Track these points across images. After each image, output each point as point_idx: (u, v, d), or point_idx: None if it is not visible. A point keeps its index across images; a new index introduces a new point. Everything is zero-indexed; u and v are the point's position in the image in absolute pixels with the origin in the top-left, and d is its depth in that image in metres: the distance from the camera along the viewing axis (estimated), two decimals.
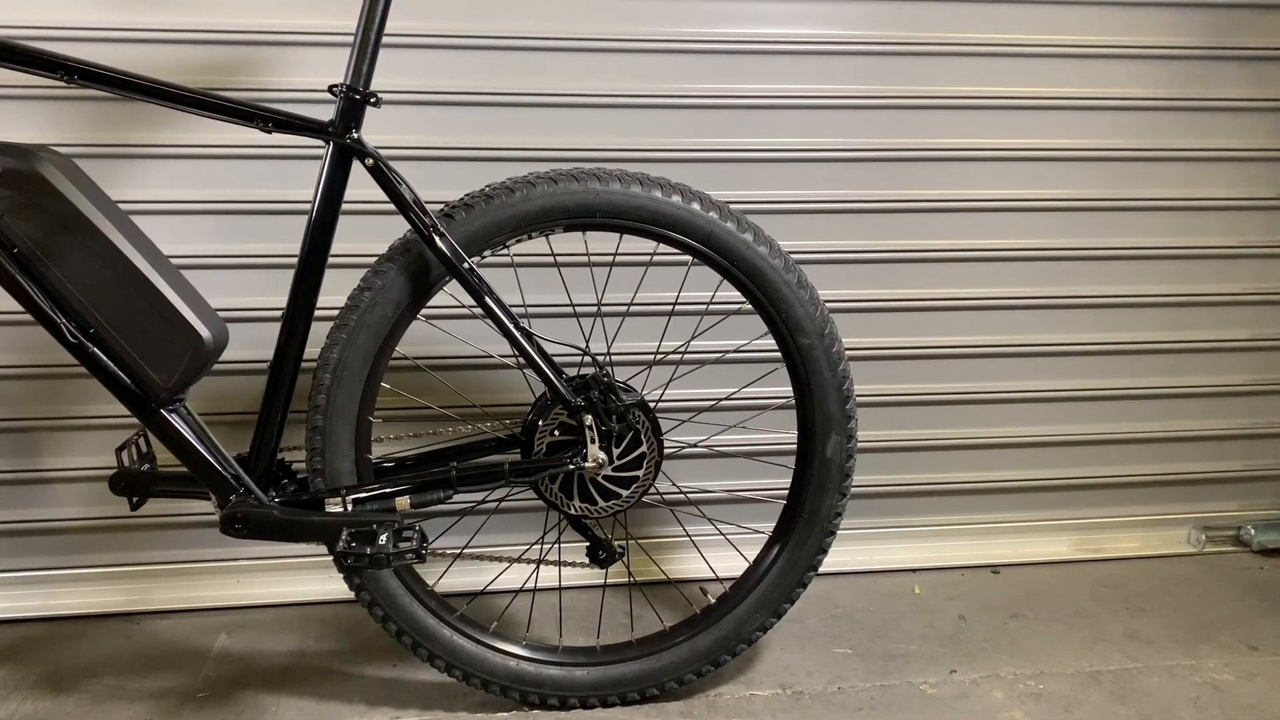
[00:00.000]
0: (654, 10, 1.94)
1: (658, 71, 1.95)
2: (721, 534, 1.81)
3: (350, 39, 1.79)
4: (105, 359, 1.48)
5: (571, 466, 1.57)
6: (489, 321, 1.55)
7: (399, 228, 1.57)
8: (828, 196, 2.05)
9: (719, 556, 1.90)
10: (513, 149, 1.93)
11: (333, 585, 2.07)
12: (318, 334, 1.55)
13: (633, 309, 1.88)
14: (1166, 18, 2.06)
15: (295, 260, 1.83)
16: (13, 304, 1.82)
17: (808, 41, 1.99)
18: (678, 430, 1.87)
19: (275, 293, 1.89)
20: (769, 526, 1.78)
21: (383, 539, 1.48)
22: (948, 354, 2.18)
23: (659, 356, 1.87)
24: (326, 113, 1.50)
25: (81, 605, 2.02)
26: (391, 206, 1.52)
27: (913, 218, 2.10)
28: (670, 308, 1.86)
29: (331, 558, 1.60)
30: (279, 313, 1.82)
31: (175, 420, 1.53)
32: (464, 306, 1.63)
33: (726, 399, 1.96)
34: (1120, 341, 2.22)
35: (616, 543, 1.68)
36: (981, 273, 2.15)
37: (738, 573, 1.77)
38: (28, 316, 1.84)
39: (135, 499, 1.62)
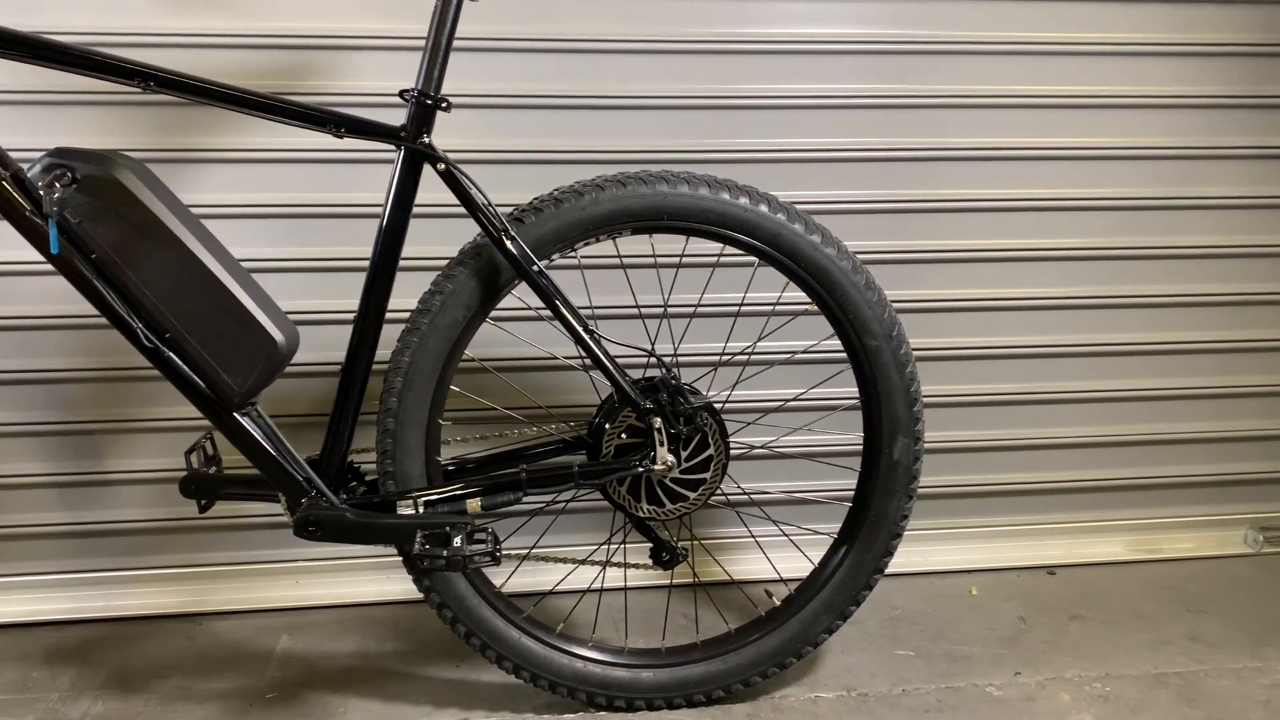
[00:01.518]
0: (710, 11, 1.94)
1: (716, 72, 1.96)
2: (787, 536, 1.80)
3: (408, 43, 1.84)
4: (180, 363, 1.49)
5: (640, 469, 1.57)
6: (555, 324, 1.56)
7: (464, 231, 1.58)
8: (885, 196, 2.05)
9: (778, 558, 1.90)
10: (574, 151, 1.93)
11: (389, 586, 2.10)
12: (387, 337, 1.55)
13: (696, 310, 1.87)
14: (1216, 15, 2.04)
15: (360, 263, 1.85)
16: (74, 308, 1.87)
17: (861, 41, 1.99)
18: (742, 432, 1.86)
19: (339, 295, 1.92)
20: (830, 528, 1.78)
21: (457, 541, 1.49)
22: (1002, 355, 2.17)
23: (724, 358, 1.86)
24: (387, 116, 1.51)
25: (143, 606, 2.03)
26: (459, 210, 1.52)
27: (968, 218, 2.10)
28: (736, 309, 1.85)
29: (400, 559, 1.62)
30: (344, 315, 1.85)
31: (248, 424, 1.54)
32: (530, 309, 1.64)
33: (793, 400, 1.96)
34: (1175, 341, 2.21)
35: (679, 544, 1.68)
36: (1034, 272, 2.14)
37: (799, 574, 1.76)
38: (90, 321, 1.89)
39: (203, 502, 1.63)
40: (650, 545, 1.71)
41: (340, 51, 1.88)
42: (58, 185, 1.40)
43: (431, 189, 1.52)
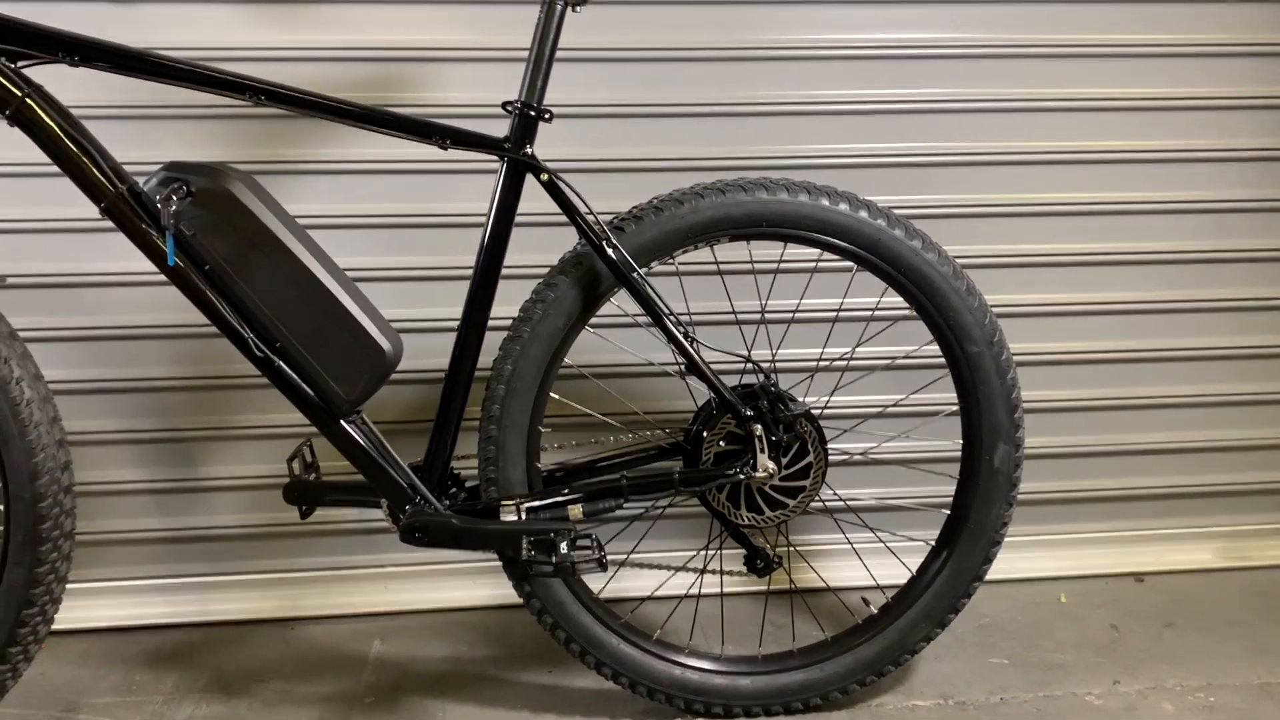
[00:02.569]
0: (797, 18, 1.94)
1: (804, 78, 1.96)
2: (884, 544, 1.79)
3: (496, 54, 1.85)
4: (290, 372, 1.52)
5: (741, 477, 1.57)
6: (653, 330, 1.56)
7: (560, 238, 1.58)
8: (967, 201, 2.04)
9: (869, 564, 1.89)
10: (667, 159, 1.94)
11: (476, 592, 2.11)
12: (488, 344, 1.57)
13: (794, 316, 1.87)
14: None
15: (452, 271, 1.89)
16: (169, 317, 1.91)
17: (938, 45, 1.99)
18: (839, 438, 1.86)
19: (431, 304, 1.93)
20: (923, 534, 1.77)
21: (563, 547, 1.50)
22: (1088, 360, 2.15)
23: (821, 364, 1.85)
24: (478, 126, 1.52)
25: (237, 611, 2.06)
26: (556, 219, 1.54)
27: (1052, 222, 2.08)
28: (834, 315, 1.85)
29: (496, 564, 1.63)
30: (439, 324, 1.88)
31: (354, 431, 1.56)
32: (627, 315, 1.64)
33: (892, 406, 1.95)
34: (1264, 345, 2.17)
35: (774, 551, 1.68)
36: (1120, 276, 2.11)
37: (892, 580, 1.75)
38: (183, 330, 1.93)
39: (305, 508, 1.66)
40: (745, 553, 1.70)
41: (431, 64, 1.90)
42: (174, 199, 1.43)
43: (530, 198, 1.53)
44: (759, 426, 1.56)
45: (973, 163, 2.02)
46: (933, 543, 1.73)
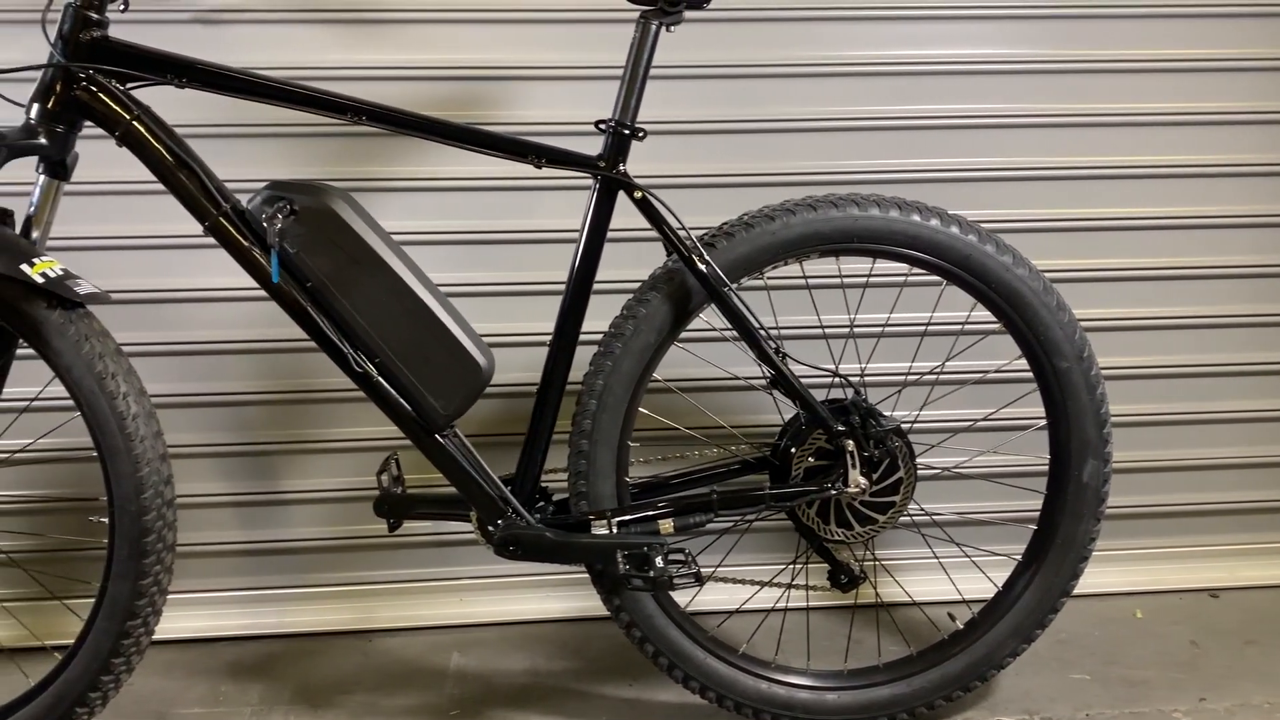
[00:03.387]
0: (878, 34, 1.96)
1: (884, 93, 1.98)
2: (970, 559, 1.79)
3: (580, 73, 1.88)
4: (388, 388, 1.54)
5: (833, 492, 1.58)
6: (739, 345, 1.58)
7: (644, 252, 1.61)
8: (1059, 215, 2.05)
9: (944, 579, 1.88)
10: (755, 175, 1.96)
11: (551, 605, 2.13)
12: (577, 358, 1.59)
13: (884, 331, 1.87)
14: None
15: (535, 287, 1.91)
16: (251, 334, 1.94)
17: (1023, 61, 2.01)
18: (926, 453, 1.86)
19: (514, 319, 1.95)
20: (1006, 549, 1.77)
21: (659, 561, 1.51)
22: (1163, 374, 2.14)
23: (910, 379, 1.85)
24: (563, 144, 1.55)
25: (315, 623, 2.08)
26: (645, 234, 1.55)
27: (1127, 236, 2.08)
28: (922, 329, 1.85)
29: (571, 577, 1.65)
30: (520, 338, 1.89)
31: (450, 445, 1.58)
32: (714, 330, 1.65)
33: (982, 421, 1.94)
34: None
35: (859, 567, 1.68)
36: (1195, 290, 2.11)
37: (974, 595, 1.76)
38: (267, 346, 1.96)
39: (394, 521, 1.68)
40: (829, 568, 1.71)
41: (512, 82, 1.92)
42: (279, 217, 1.45)
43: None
44: (851, 442, 1.57)
45: (1054, 177, 2.03)
46: (1018, 558, 1.73)
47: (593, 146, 1.56)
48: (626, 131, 1.54)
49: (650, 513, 1.59)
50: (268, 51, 1.87)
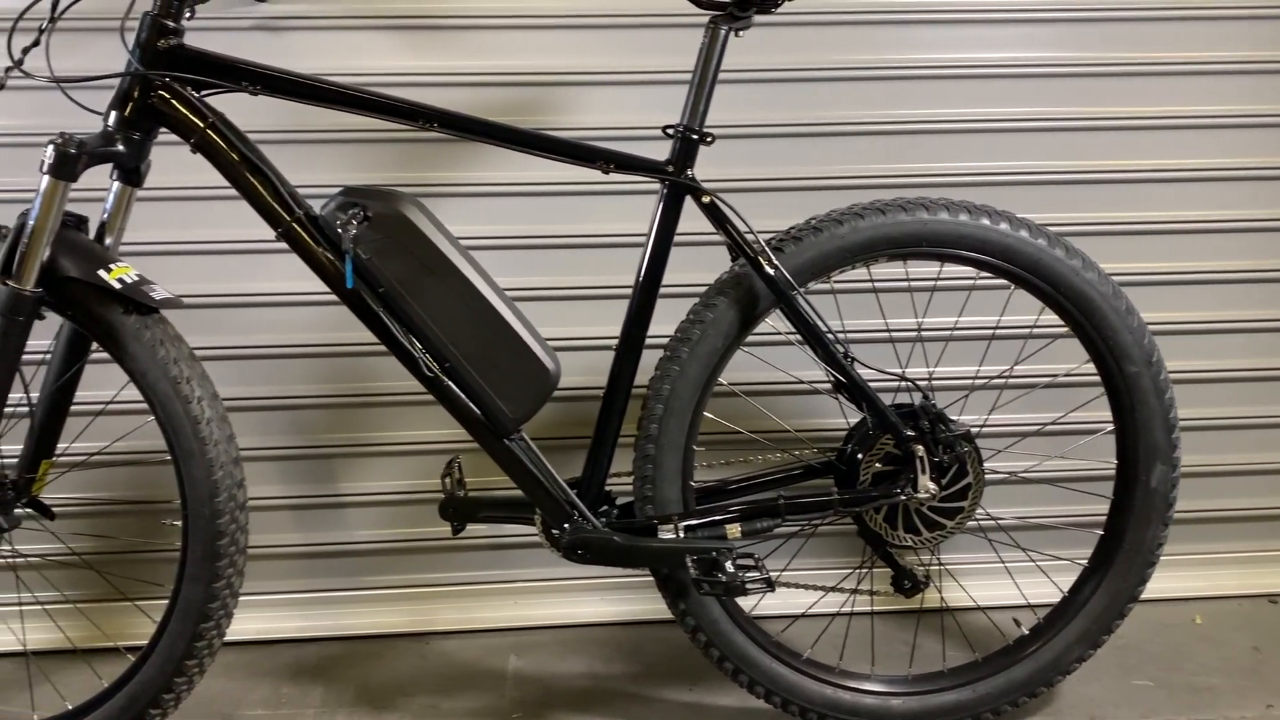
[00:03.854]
0: (945, 37, 1.96)
1: (951, 96, 1.98)
2: (1036, 565, 1.78)
3: (640, 78, 1.88)
4: (458, 391, 1.55)
5: (903, 497, 1.57)
6: (804, 348, 1.58)
7: (706, 256, 1.61)
8: (1127, 218, 2.04)
9: (1007, 583, 1.87)
10: (818, 178, 1.97)
11: (605, 608, 2.13)
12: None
13: (938, 334, 1.87)
14: None
15: (598, 290, 1.91)
16: (311, 338, 1.95)
17: (1103, 64, 2.00)
18: (993, 458, 1.85)
19: (574, 322, 1.95)
20: (1069, 553, 1.76)
21: (729, 566, 1.51)
22: (1221, 378, 2.12)
23: (977, 383, 1.85)
24: (625, 148, 1.57)
25: (372, 625, 2.09)
26: (709, 237, 1.55)
27: (1202, 239, 2.06)
28: (990, 333, 1.84)
29: (655, 581, 1.65)
30: (579, 342, 1.89)
31: (517, 449, 1.59)
32: (779, 334, 1.65)
33: (1050, 425, 1.93)
34: None
35: (923, 572, 1.68)
36: (1266, 294, 2.09)
37: (1035, 601, 1.76)
38: (325, 349, 1.97)
39: (458, 524, 1.68)
40: (892, 573, 1.70)
41: (574, 87, 1.93)
42: (354, 223, 1.46)
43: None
44: (921, 447, 1.56)
45: (1119, 180, 2.02)
46: (1084, 563, 1.72)
47: (654, 150, 1.56)
48: (694, 136, 1.54)
49: (718, 517, 1.59)
50: (328, 58, 1.88)
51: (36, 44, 1.48)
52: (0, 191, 1.45)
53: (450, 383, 1.54)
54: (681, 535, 1.58)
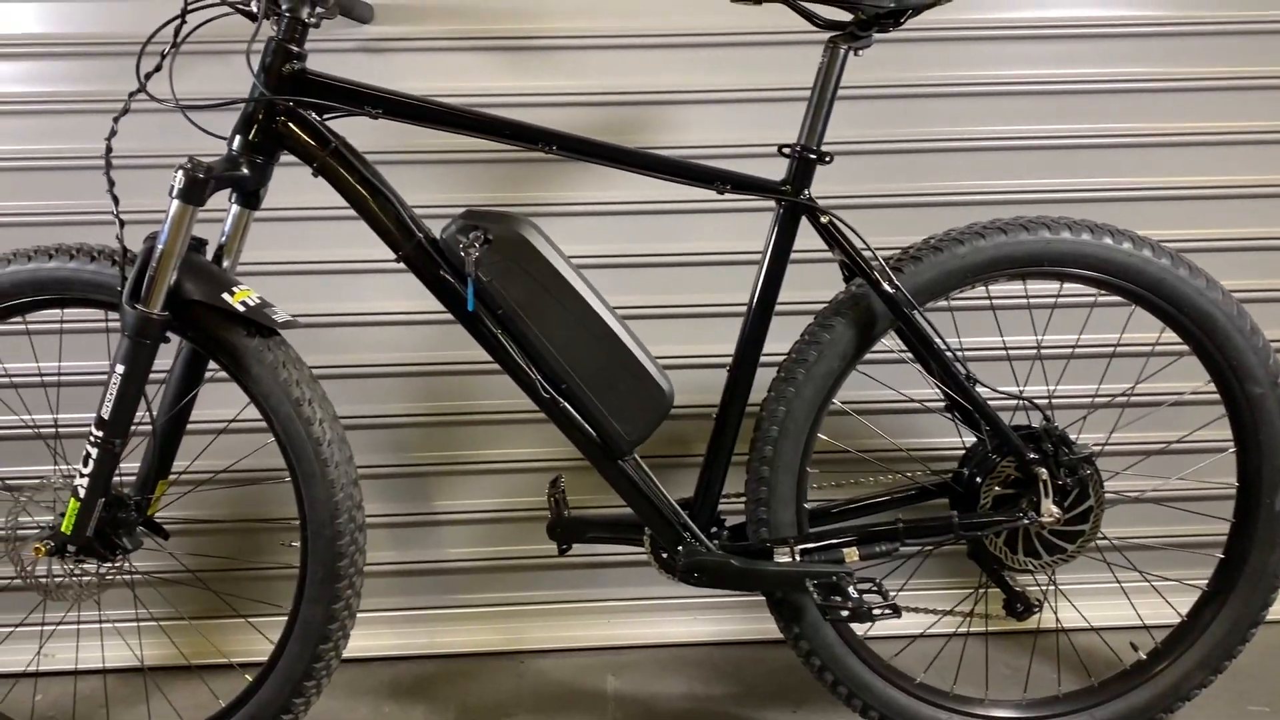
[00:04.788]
0: (1059, 52, 1.94)
1: (1064, 111, 1.97)
2: (1154, 588, 1.75)
3: (735, 95, 1.88)
4: (575, 414, 1.54)
5: (1025, 521, 1.55)
6: (919, 368, 1.56)
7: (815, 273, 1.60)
8: (1248, 233, 2.01)
9: (1117, 604, 1.84)
10: (926, 194, 1.96)
11: (698, 628, 2.12)
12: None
13: (1051, 352, 1.84)
14: None
15: (702, 309, 1.91)
16: (406, 357, 1.96)
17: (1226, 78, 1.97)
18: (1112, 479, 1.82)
19: (677, 340, 1.95)
20: (1187, 573, 1.73)
21: (852, 591, 1.49)
22: None
23: (1097, 403, 1.82)
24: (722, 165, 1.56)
25: (464, 643, 2.09)
26: (820, 254, 1.55)
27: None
28: (1110, 352, 1.82)
29: (767, 604, 1.63)
30: (684, 360, 1.89)
31: (630, 471, 1.58)
32: (895, 353, 1.64)
33: (1170, 445, 1.90)
34: None
35: (1040, 595, 1.65)
36: None
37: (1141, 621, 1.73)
38: (418, 367, 1.98)
39: (565, 545, 1.68)
40: (1004, 596, 1.68)
41: (669, 106, 1.92)
42: (475, 246, 1.46)
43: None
44: (1044, 470, 1.54)
45: (1238, 195, 1.98)
46: (1202, 585, 1.69)
47: (759, 167, 1.56)
48: (812, 156, 1.53)
49: (836, 541, 1.57)
50: (431, 79, 1.89)
51: (159, 69, 1.49)
52: (126, 213, 1.45)
53: (567, 405, 1.54)
54: (798, 559, 1.57)
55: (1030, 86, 1.95)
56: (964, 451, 1.65)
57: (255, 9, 1.47)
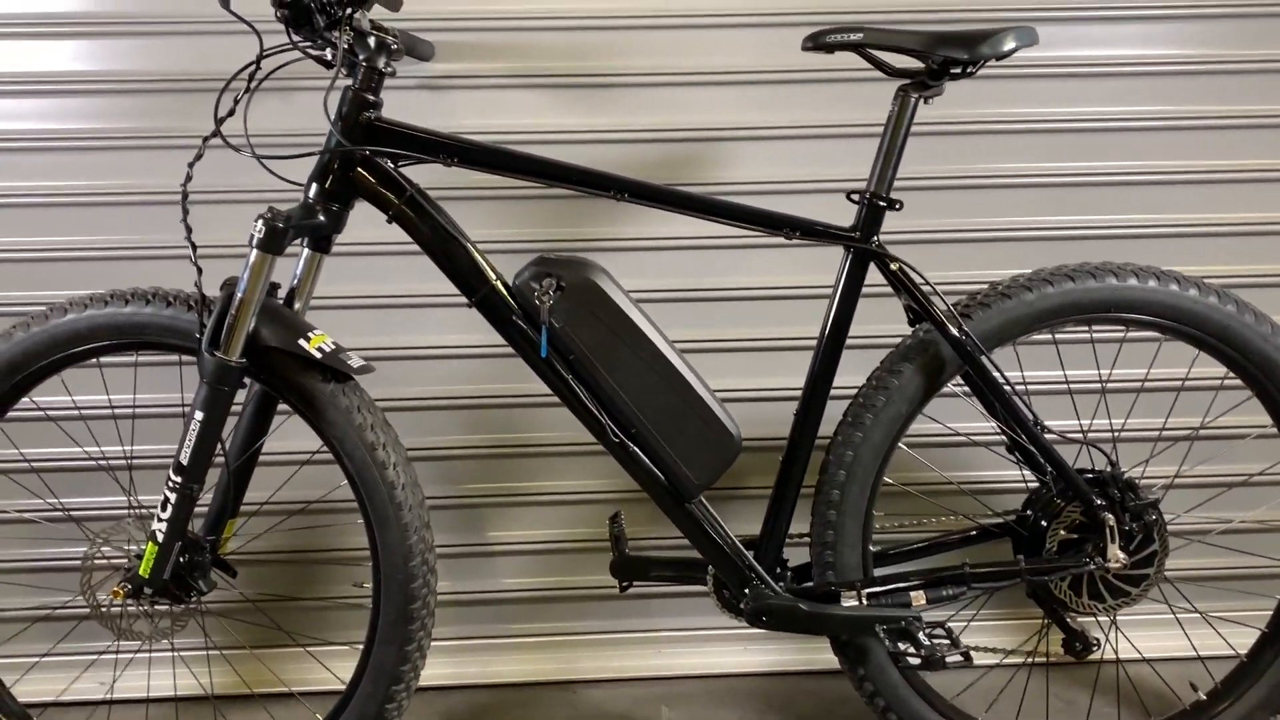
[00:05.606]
0: (1126, 89, 1.96)
1: (1133, 148, 1.98)
2: (1214, 628, 1.76)
3: (786, 133, 1.89)
4: (644, 458, 1.56)
5: (1091, 567, 1.56)
6: (984, 412, 1.57)
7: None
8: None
9: (1170, 633, 1.85)
10: (995, 229, 1.98)
11: (748, 658, 2.14)
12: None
13: (1116, 389, 1.85)
14: None
15: (756, 345, 1.92)
16: (463, 389, 1.97)
17: None
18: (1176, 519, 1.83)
19: (739, 375, 1.96)
20: (1239, 607, 1.75)
21: (923, 638, 1.50)
22: None
23: (1160, 443, 1.83)
24: (773, 202, 1.61)
25: (518, 673, 2.11)
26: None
27: None
28: (1177, 390, 1.83)
29: (831, 646, 1.65)
30: (746, 395, 1.90)
31: (697, 513, 1.59)
32: (961, 395, 1.65)
33: (1237, 484, 1.91)
34: None
35: (1102, 634, 1.66)
36: None
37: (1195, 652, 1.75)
38: (475, 400, 1.99)
39: (627, 583, 1.69)
40: (1064, 634, 1.69)
41: (719, 143, 1.94)
42: (549, 293, 1.48)
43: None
44: (1111, 517, 1.55)
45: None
46: (1263, 627, 1.70)
47: (823, 202, 1.60)
48: (881, 203, 1.54)
49: (903, 585, 1.59)
50: (491, 115, 1.92)
51: (233, 113, 1.50)
52: (204, 248, 1.47)
53: (636, 448, 1.55)
54: (865, 602, 1.58)
55: (1088, 124, 1.96)
56: (1027, 494, 1.66)
57: (330, 56, 1.48)
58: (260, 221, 1.43)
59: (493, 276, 1.52)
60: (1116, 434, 1.69)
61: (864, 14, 1.88)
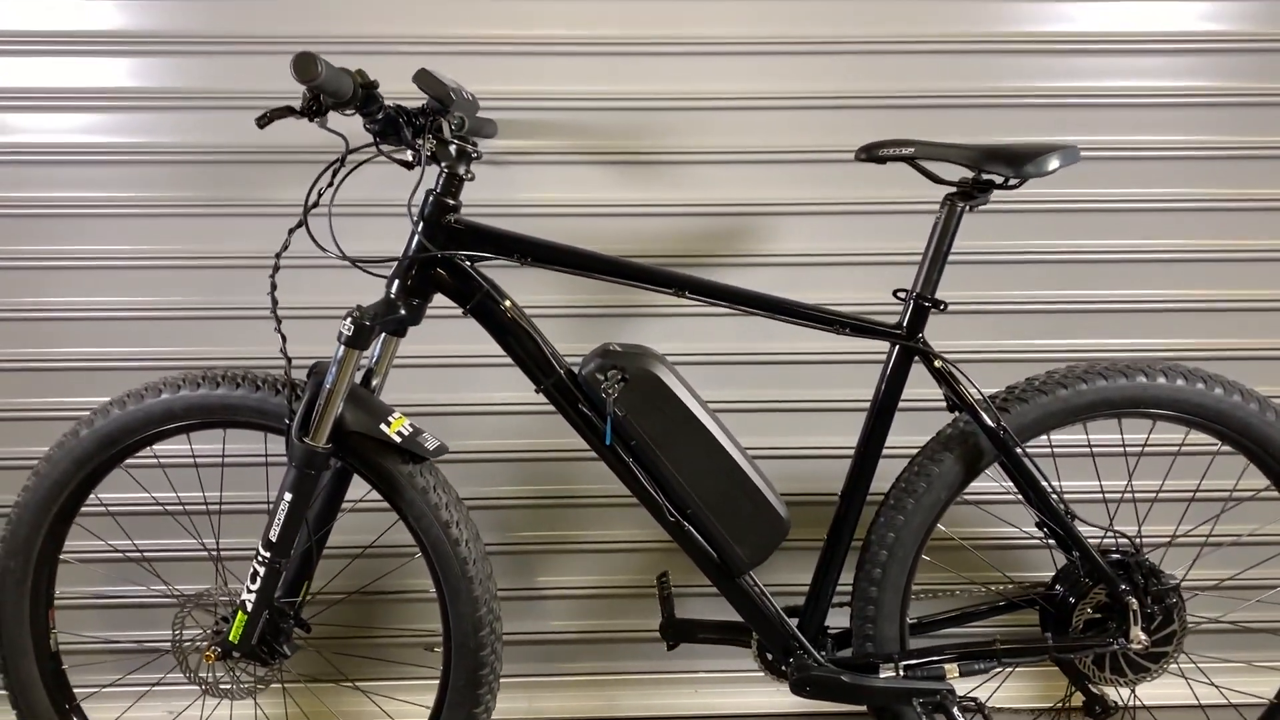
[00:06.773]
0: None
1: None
2: (1231, 704, 1.87)
3: (823, 208, 2.00)
4: (698, 537, 1.66)
5: (1115, 646, 1.67)
6: (1018, 498, 1.68)
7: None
8: None
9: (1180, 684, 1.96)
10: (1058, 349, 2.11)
11: (779, 699, 2.25)
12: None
13: (1158, 494, 1.96)
14: None
15: (800, 406, 2.03)
16: (515, 444, 2.08)
17: None
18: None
19: (772, 434, 2.07)
20: (1257, 681, 1.86)
21: (956, 712, 1.61)
22: None
23: (1176, 539, 1.94)
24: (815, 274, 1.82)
25: (563, 709, 2.23)
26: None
27: None
28: (1191, 493, 1.93)
29: (869, 710, 1.76)
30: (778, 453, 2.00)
31: (747, 587, 1.70)
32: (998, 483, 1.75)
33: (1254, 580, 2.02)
34: None
35: (1124, 700, 1.77)
36: None
37: None
38: (525, 453, 2.10)
39: (674, 644, 1.81)
40: (1084, 698, 1.80)
41: (760, 218, 2.03)
42: (615, 385, 1.58)
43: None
44: (1134, 601, 1.65)
45: None
46: (1271, 698, 1.81)
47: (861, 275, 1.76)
48: (926, 304, 1.63)
49: (938, 658, 1.69)
50: (548, 189, 2.01)
51: (301, 224, 1.58)
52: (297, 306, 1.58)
53: (690, 528, 1.66)
54: (901, 674, 1.69)
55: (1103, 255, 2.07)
56: (1056, 570, 1.77)
57: (412, 159, 1.57)
58: (349, 319, 1.53)
59: (559, 367, 1.62)
60: (1141, 523, 1.79)
61: (887, 98, 2.01)
